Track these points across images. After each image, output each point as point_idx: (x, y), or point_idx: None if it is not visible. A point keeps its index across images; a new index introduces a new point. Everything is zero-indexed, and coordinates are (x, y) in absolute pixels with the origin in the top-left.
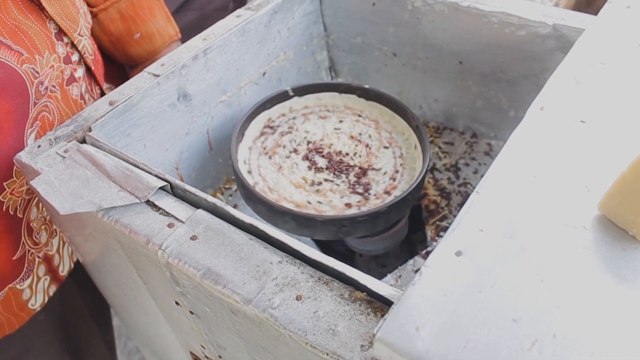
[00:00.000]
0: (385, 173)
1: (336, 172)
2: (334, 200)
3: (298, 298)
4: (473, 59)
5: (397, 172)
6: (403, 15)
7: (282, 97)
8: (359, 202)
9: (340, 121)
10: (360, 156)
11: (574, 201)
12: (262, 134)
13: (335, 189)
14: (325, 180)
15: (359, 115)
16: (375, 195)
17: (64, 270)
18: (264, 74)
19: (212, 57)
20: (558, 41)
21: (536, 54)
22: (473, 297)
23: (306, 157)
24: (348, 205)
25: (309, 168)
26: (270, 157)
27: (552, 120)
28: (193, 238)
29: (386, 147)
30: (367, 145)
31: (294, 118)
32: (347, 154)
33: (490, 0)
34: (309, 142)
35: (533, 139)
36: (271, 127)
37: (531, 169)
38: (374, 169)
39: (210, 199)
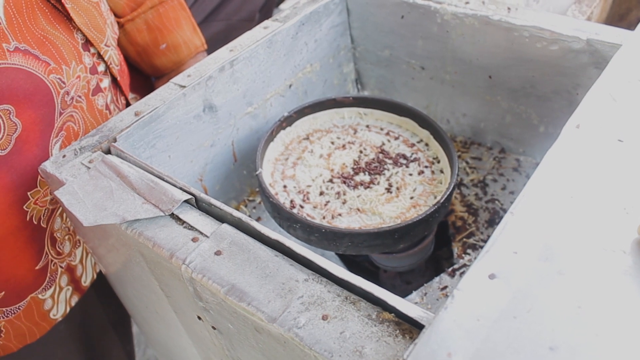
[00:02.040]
0: (385, 143)
1: (380, 171)
2: (413, 184)
3: (324, 318)
4: (503, 73)
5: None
6: (432, 29)
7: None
8: (420, 164)
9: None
10: (368, 154)
11: (612, 224)
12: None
13: (401, 175)
14: (389, 177)
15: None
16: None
17: (86, 280)
18: (290, 85)
19: (238, 69)
20: (592, 56)
21: (568, 69)
22: (508, 322)
23: (354, 187)
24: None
25: (366, 188)
26: (335, 218)
27: (588, 139)
28: (217, 253)
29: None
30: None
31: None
32: (357, 160)
33: (521, 14)
34: (330, 180)
35: (568, 158)
36: (284, 159)
37: (567, 189)
38: (381, 145)
39: (236, 213)
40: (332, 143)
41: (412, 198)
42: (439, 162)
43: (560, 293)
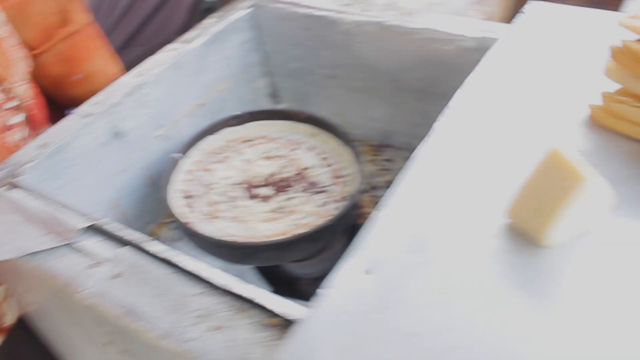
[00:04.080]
0: (316, 166)
1: (286, 190)
2: (307, 209)
3: (215, 328)
4: (406, 75)
5: (324, 159)
6: (336, 38)
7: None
8: (328, 197)
9: (240, 153)
10: (287, 167)
11: (483, 211)
12: (188, 205)
13: (301, 202)
14: (287, 199)
15: (249, 140)
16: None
17: (11, 320)
18: (201, 105)
19: (146, 93)
20: (484, 53)
21: (465, 67)
22: (376, 315)
23: (251, 197)
24: (322, 205)
25: (262, 201)
26: (218, 217)
27: (461, 131)
28: (116, 276)
29: (294, 150)
30: (281, 156)
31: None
32: (277, 172)
33: (418, 18)
34: (236, 185)
35: (441, 151)
36: (190, 197)
37: (439, 180)
38: (305, 168)
39: (135, 235)
40: (265, 152)
41: (294, 225)
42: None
43: (427, 282)
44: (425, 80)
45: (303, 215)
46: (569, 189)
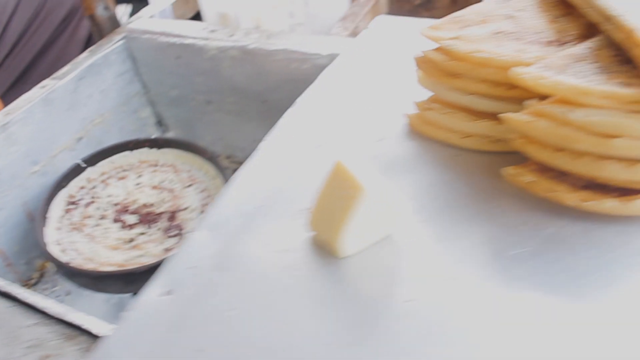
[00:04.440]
0: (193, 210)
1: (148, 224)
2: (152, 250)
3: (44, 357)
4: (273, 96)
5: (205, 205)
6: (205, 65)
7: (76, 171)
8: (177, 243)
9: (139, 176)
10: (165, 202)
11: (291, 225)
12: (66, 211)
13: (150, 240)
14: (140, 234)
15: (155, 165)
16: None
17: None
18: (80, 139)
19: (14, 131)
20: None
21: None
22: (171, 334)
23: (116, 219)
24: (168, 250)
25: (122, 228)
26: (80, 231)
27: (286, 146)
28: None
29: (189, 186)
30: (170, 190)
31: (93, 187)
32: (152, 204)
33: (277, 40)
34: (115, 205)
35: (260, 167)
36: (74, 203)
37: (253, 198)
38: (182, 209)
39: None
40: (161, 182)
41: (132, 260)
42: (215, 178)
43: (224, 299)
44: (290, 99)
45: (143, 253)
46: (350, 200)
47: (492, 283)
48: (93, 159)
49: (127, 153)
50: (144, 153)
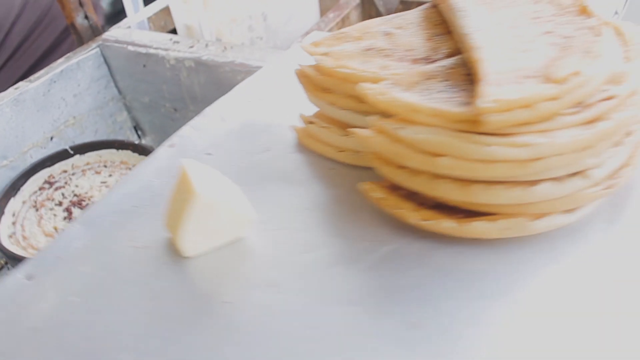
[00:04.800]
0: None
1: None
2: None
3: None
4: None
5: None
6: (166, 74)
7: (63, 155)
8: None
9: (110, 175)
10: None
11: (156, 224)
12: (40, 189)
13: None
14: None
15: (129, 169)
16: None
17: None
18: (51, 138)
19: None
20: None
21: None
22: (16, 315)
23: (66, 209)
24: None
25: (65, 219)
26: (37, 210)
27: (179, 153)
28: None
29: None
30: None
31: (73, 174)
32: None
33: (229, 53)
34: (75, 195)
35: (148, 171)
36: (50, 183)
37: (133, 198)
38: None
39: None
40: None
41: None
42: None
43: (70, 287)
44: None
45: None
46: (186, 203)
47: (309, 294)
48: (83, 149)
49: (113, 151)
50: (127, 155)
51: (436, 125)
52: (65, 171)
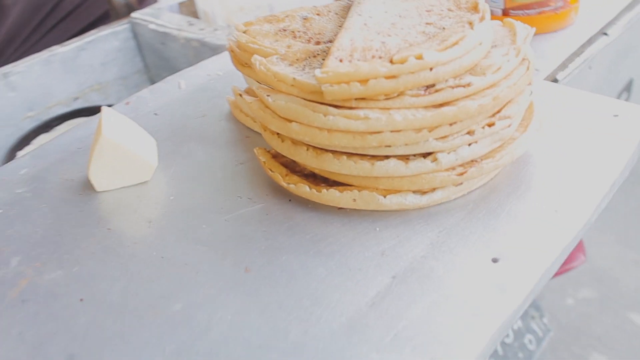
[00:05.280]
0: None
1: None
2: None
3: None
4: None
5: None
6: (179, 52)
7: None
8: None
9: None
10: None
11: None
12: None
13: None
14: None
15: None
16: None
17: None
18: (76, 98)
19: (14, 80)
20: None
21: None
22: None
23: None
24: None
25: None
26: None
27: (127, 112)
28: None
29: None
30: None
31: None
32: None
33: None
34: None
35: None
36: None
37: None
38: None
39: None
40: None
41: None
42: None
43: None
44: None
45: None
46: (96, 143)
47: (173, 231)
48: (93, 110)
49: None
50: None
51: (295, 95)
52: None
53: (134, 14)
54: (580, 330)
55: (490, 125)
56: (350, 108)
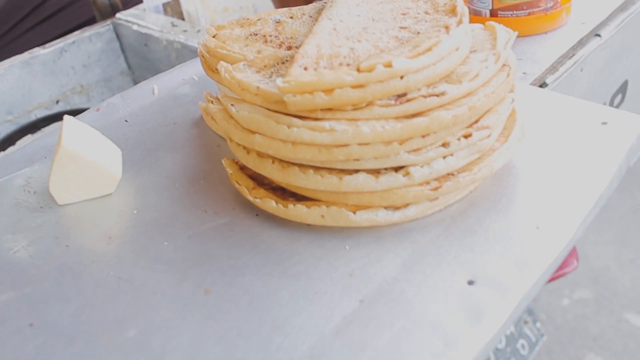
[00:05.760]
0: None
1: None
2: None
3: None
4: None
5: None
6: (161, 53)
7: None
8: None
9: None
10: None
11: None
12: None
13: None
14: None
15: None
16: None
17: None
18: (57, 101)
19: None
20: None
21: None
22: None
23: None
24: None
25: None
26: None
27: (102, 119)
28: None
29: None
30: None
31: None
32: None
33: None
34: None
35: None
36: None
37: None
38: None
39: None
40: None
41: None
42: None
43: None
44: None
45: None
46: (56, 154)
47: (134, 248)
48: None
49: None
50: None
51: (258, 105)
52: None
53: (118, 15)
54: (576, 331)
55: (466, 136)
56: (316, 119)
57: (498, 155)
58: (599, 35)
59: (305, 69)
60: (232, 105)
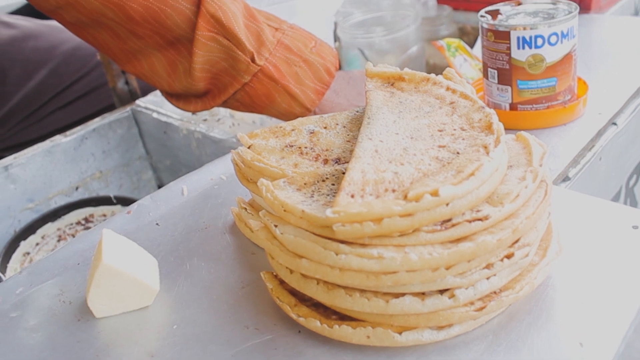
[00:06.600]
0: None
1: None
2: None
3: None
4: None
5: None
6: (181, 142)
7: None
8: None
9: None
10: None
11: (85, 283)
12: (77, 223)
13: None
14: None
15: None
16: None
17: None
18: (77, 188)
19: (15, 172)
20: None
21: None
22: None
23: None
24: None
25: None
26: (59, 240)
27: (133, 222)
28: None
29: None
30: None
31: (104, 220)
32: None
33: (236, 129)
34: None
35: (99, 235)
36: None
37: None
38: None
39: None
40: None
41: None
42: None
43: None
44: None
45: None
46: (95, 269)
47: None
48: (101, 201)
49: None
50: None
51: (304, 228)
52: (78, 222)
53: (137, 102)
54: None
55: (509, 256)
56: (363, 245)
57: (538, 272)
58: (615, 124)
59: (352, 196)
60: (275, 226)
